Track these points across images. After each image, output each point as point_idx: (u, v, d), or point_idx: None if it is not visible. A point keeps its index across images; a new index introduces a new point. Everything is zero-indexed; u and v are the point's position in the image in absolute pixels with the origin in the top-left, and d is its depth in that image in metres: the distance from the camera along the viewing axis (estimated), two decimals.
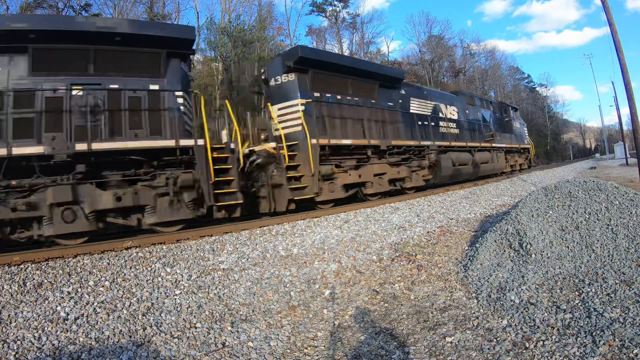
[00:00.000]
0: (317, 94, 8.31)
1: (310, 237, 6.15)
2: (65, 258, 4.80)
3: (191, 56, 7.53)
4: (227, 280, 4.57)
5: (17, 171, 5.26)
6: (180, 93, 6.44)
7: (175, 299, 4.02)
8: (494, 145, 14.80)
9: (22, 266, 4.44)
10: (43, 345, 3.07)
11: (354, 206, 8.27)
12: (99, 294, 3.94)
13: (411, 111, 10.98)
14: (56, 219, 5.34)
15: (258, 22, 27.24)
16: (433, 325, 3.49)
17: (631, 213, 4.23)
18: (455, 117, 13.04)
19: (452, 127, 12.65)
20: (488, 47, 55.04)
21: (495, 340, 3.06)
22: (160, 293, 4.10)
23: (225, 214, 6.56)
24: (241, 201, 6.59)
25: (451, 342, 3.14)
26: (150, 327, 3.46)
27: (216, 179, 6.29)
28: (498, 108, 16.99)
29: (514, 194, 10.82)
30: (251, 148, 7.23)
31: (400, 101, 10.68)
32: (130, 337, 3.29)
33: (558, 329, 2.98)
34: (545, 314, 3.22)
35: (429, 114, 11.66)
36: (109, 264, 4.68)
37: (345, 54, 37.41)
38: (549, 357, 2.68)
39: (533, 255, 4.20)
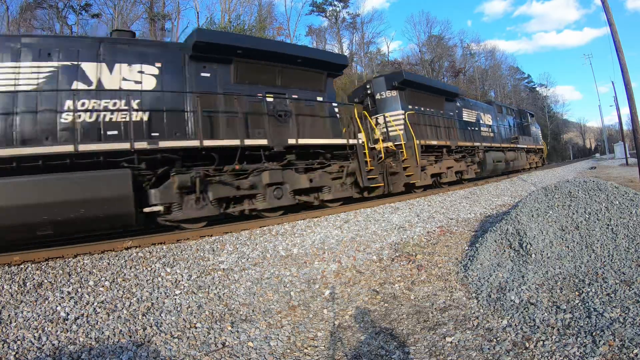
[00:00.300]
0: (410, 106, 10.91)
1: (310, 237, 6.15)
2: (65, 258, 4.80)
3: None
4: (227, 280, 4.57)
5: (229, 160, 6.71)
6: (336, 104, 8.84)
7: (175, 299, 4.02)
8: (517, 146, 17.88)
9: (22, 266, 4.44)
10: (43, 345, 3.07)
11: (354, 206, 8.30)
12: (99, 294, 3.94)
13: (464, 119, 13.84)
14: (268, 196, 7.04)
15: (258, 22, 27.25)
16: (433, 325, 3.49)
17: (631, 213, 4.23)
18: (490, 123, 16.07)
19: (489, 132, 15.70)
20: (488, 47, 55.14)
21: (495, 340, 3.06)
22: (160, 293, 4.11)
23: (366, 193, 9.17)
24: (382, 184, 9.35)
25: (451, 342, 3.14)
26: (150, 327, 3.47)
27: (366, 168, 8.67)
28: (518, 114, 20.03)
29: (514, 194, 10.82)
30: (372, 146, 9.54)
31: (457, 111, 13.58)
32: (130, 337, 3.29)
33: (558, 329, 2.98)
34: (545, 314, 3.23)
35: (474, 121, 14.64)
36: (109, 264, 4.68)
37: (345, 54, 37.41)
38: (549, 357, 2.68)
39: (533, 255, 4.20)
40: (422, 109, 11.47)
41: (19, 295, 3.81)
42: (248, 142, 6.76)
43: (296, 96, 7.83)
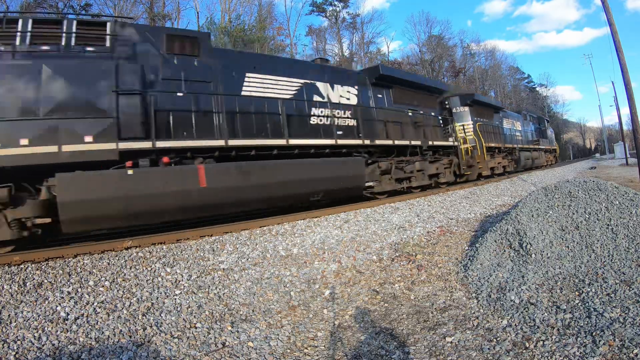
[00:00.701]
0: (475, 118, 14.91)
1: (310, 237, 6.15)
2: (65, 258, 4.80)
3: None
4: (227, 280, 4.57)
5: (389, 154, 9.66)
6: (440, 117, 12.48)
7: (175, 299, 4.02)
8: (539, 147, 22.89)
9: (22, 266, 4.44)
10: (43, 345, 3.07)
11: (354, 206, 8.30)
12: (99, 294, 3.94)
13: (504, 126, 18.09)
14: (415, 178, 10.32)
15: (258, 22, 27.24)
16: (433, 325, 3.49)
17: (631, 213, 4.23)
18: (520, 128, 20.79)
19: (520, 136, 20.35)
20: (488, 47, 55.16)
21: (495, 340, 3.06)
22: (160, 293, 4.10)
23: (459, 179, 12.80)
24: (469, 173, 13.02)
25: (451, 342, 3.14)
26: (150, 327, 3.46)
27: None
28: (538, 120, 25.06)
29: (514, 194, 10.82)
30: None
31: (500, 120, 17.89)
32: (130, 337, 3.29)
33: (558, 329, 2.98)
34: (545, 314, 3.23)
35: (511, 127, 19.19)
36: (109, 264, 4.68)
37: (345, 54, 37.38)
38: (549, 357, 2.68)
39: (533, 255, 4.20)
40: (482, 119, 15.42)
41: (19, 295, 3.80)
42: (414, 142, 10.20)
43: (422, 112, 11.23)
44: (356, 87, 9.36)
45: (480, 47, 53.40)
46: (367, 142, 8.72)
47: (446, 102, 14.20)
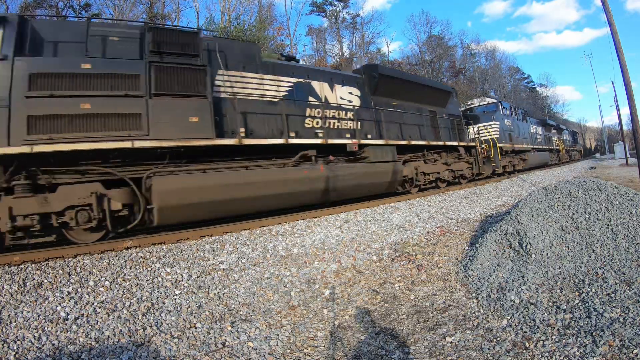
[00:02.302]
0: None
1: (310, 237, 6.15)
2: (65, 258, 4.80)
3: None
4: (227, 280, 4.57)
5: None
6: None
7: (175, 299, 4.02)
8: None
9: (22, 266, 4.44)
10: (43, 345, 3.07)
11: (354, 206, 8.29)
12: (99, 294, 3.94)
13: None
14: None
15: (258, 22, 27.19)
16: (433, 325, 3.49)
17: (631, 213, 4.23)
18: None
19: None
20: (488, 47, 55.06)
21: (495, 340, 3.06)
22: (160, 293, 4.10)
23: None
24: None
25: (451, 342, 3.14)
26: (150, 327, 3.46)
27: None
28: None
29: (514, 194, 10.82)
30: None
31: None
32: (130, 337, 3.29)
33: (558, 329, 2.98)
34: (545, 314, 3.22)
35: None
36: (109, 264, 4.67)
37: (345, 54, 37.35)
38: (549, 357, 2.68)
39: (533, 255, 4.20)
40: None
41: (19, 295, 3.80)
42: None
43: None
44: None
45: (480, 48, 53.37)
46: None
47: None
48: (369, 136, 9.13)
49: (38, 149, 4.87)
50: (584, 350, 2.64)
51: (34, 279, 4.13)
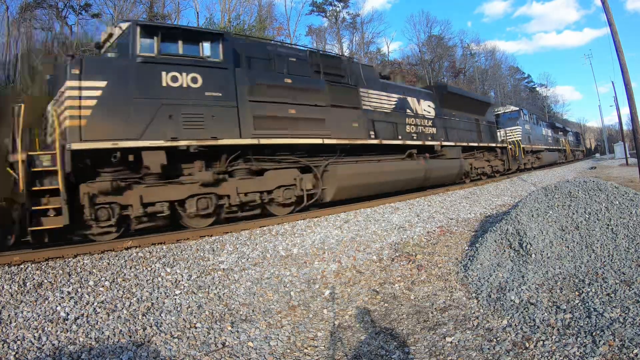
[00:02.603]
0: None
1: (310, 237, 6.15)
2: (65, 258, 4.80)
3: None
4: (227, 280, 4.57)
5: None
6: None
7: (175, 299, 4.02)
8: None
9: (22, 266, 4.44)
10: (43, 345, 3.07)
11: (354, 206, 8.31)
12: (99, 294, 3.94)
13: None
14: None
15: (258, 22, 27.21)
16: (433, 325, 3.49)
17: (631, 213, 4.23)
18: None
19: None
20: (488, 47, 55.00)
21: (495, 340, 3.06)
22: (160, 293, 4.10)
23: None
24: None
25: (451, 342, 3.14)
26: (150, 327, 3.46)
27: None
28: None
29: (514, 194, 10.82)
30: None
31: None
32: (130, 337, 3.29)
33: (558, 329, 2.98)
34: (545, 314, 3.22)
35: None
36: (109, 264, 4.68)
37: (346, 54, 37.33)
38: (549, 357, 2.68)
39: (533, 255, 4.20)
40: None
41: (19, 295, 3.80)
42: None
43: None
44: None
45: (480, 48, 53.28)
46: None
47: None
48: (442, 139, 11.42)
49: (264, 141, 6.63)
50: (584, 350, 2.64)
51: (34, 279, 4.13)
